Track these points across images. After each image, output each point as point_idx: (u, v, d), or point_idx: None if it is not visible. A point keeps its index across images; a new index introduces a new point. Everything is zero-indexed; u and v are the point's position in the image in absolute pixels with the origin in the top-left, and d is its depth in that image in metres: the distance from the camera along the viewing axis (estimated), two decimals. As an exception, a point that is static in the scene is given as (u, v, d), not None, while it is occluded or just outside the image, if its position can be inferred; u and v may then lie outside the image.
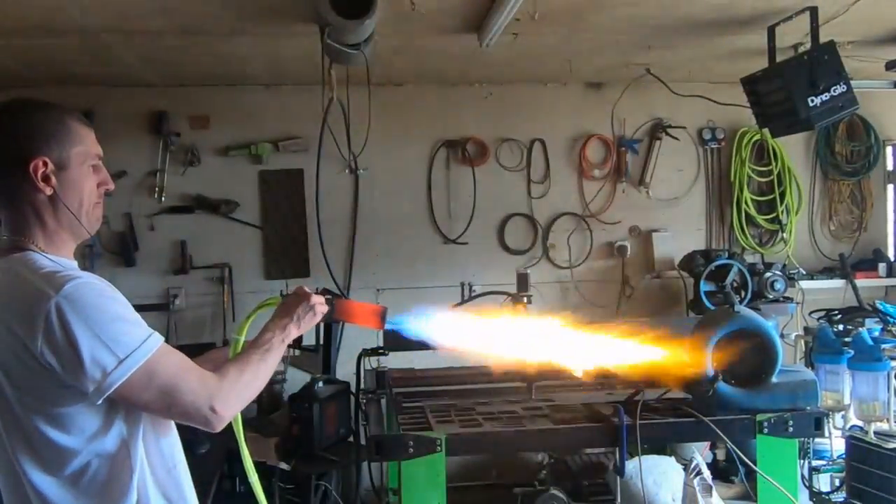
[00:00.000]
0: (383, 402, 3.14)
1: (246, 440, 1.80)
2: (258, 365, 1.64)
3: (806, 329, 4.15)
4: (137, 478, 1.51)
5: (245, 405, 1.63)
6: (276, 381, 4.40)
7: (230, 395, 1.53)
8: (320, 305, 1.82)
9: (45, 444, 1.46)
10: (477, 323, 2.22)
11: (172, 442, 1.63)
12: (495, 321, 2.31)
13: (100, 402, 1.44)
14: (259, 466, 1.85)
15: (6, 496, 1.54)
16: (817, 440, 3.51)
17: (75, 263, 1.59)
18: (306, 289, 1.84)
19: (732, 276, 4.42)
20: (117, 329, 1.43)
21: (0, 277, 1.49)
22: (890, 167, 5.20)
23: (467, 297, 4.34)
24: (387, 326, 2.00)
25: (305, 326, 1.79)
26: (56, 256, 1.53)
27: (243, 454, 1.79)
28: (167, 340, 1.53)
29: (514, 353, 2.42)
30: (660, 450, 3.53)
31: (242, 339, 1.82)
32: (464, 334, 2.18)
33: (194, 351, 1.66)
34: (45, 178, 1.51)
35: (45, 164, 1.50)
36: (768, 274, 4.44)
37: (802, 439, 3.14)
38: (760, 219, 4.99)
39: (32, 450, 1.47)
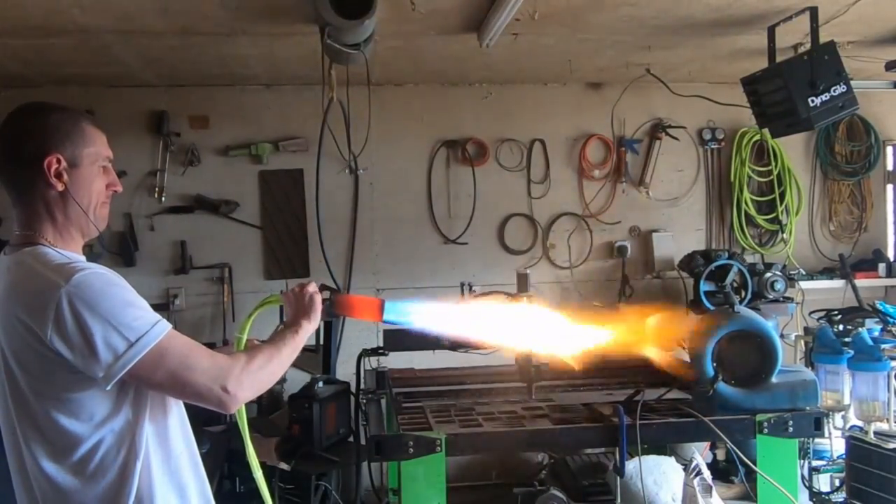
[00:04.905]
0: (383, 402, 3.13)
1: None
2: (270, 352, 1.69)
3: (806, 329, 4.15)
4: (141, 464, 1.54)
5: (260, 390, 1.66)
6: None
7: (242, 376, 1.57)
8: (315, 294, 1.86)
9: (55, 430, 1.50)
10: (474, 309, 2.23)
11: (179, 430, 1.66)
12: (492, 306, 2.32)
13: (110, 386, 1.48)
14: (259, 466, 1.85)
15: (16, 482, 1.58)
16: (817, 440, 3.51)
17: (84, 258, 1.63)
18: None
19: (732, 276, 4.41)
20: (127, 314, 1.48)
21: (12, 270, 1.55)
22: (890, 167, 5.20)
23: (467, 297, 4.33)
24: (385, 317, 2.00)
25: (314, 315, 1.83)
26: (65, 250, 1.58)
27: (248, 449, 1.81)
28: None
29: (510, 339, 2.43)
30: (660, 450, 3.53)
31: (245, 336, 1.85)
32: (461, 320, 2.19)
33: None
34: (58, 175, 1.57)
35: (59, 161, 1.57)
36: (768, 274, 4.43)
37: (802, 439, 3.14)
38: (760, 219, 4.99)
39: (42, 436, 1.51)
